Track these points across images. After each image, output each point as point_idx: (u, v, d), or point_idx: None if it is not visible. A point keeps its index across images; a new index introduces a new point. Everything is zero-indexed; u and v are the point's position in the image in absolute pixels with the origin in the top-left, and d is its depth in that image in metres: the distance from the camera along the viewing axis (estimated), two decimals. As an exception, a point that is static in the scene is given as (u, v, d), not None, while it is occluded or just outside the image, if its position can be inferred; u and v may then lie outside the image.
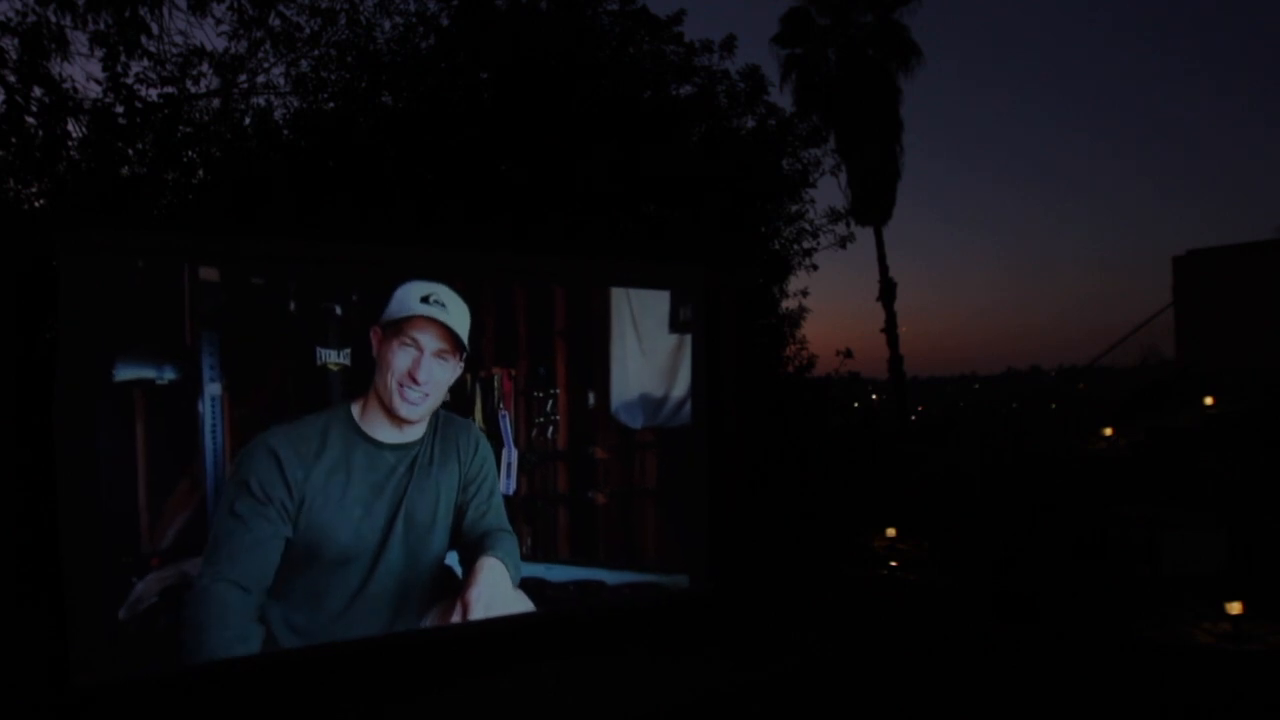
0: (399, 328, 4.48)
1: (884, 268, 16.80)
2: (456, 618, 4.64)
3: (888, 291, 16.70)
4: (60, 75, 5.78)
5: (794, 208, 9.22)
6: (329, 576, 4.40)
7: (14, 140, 5.59)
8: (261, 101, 6.88)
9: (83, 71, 6.09)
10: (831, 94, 16.16)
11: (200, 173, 6.44)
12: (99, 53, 5.84)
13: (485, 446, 4.91)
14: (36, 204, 5.80)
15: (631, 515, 5.51)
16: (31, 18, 5.64)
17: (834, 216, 9.62)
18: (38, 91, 5.69)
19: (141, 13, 5.90)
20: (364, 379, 4.53)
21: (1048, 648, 5.12)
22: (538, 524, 5.20)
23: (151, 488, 4.11)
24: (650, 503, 5.58)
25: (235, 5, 6.36)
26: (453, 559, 4.78)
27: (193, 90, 6.36)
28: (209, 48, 6.34)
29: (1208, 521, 6.62)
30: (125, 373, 4.09)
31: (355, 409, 4.50)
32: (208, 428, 4.24)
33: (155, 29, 6.03)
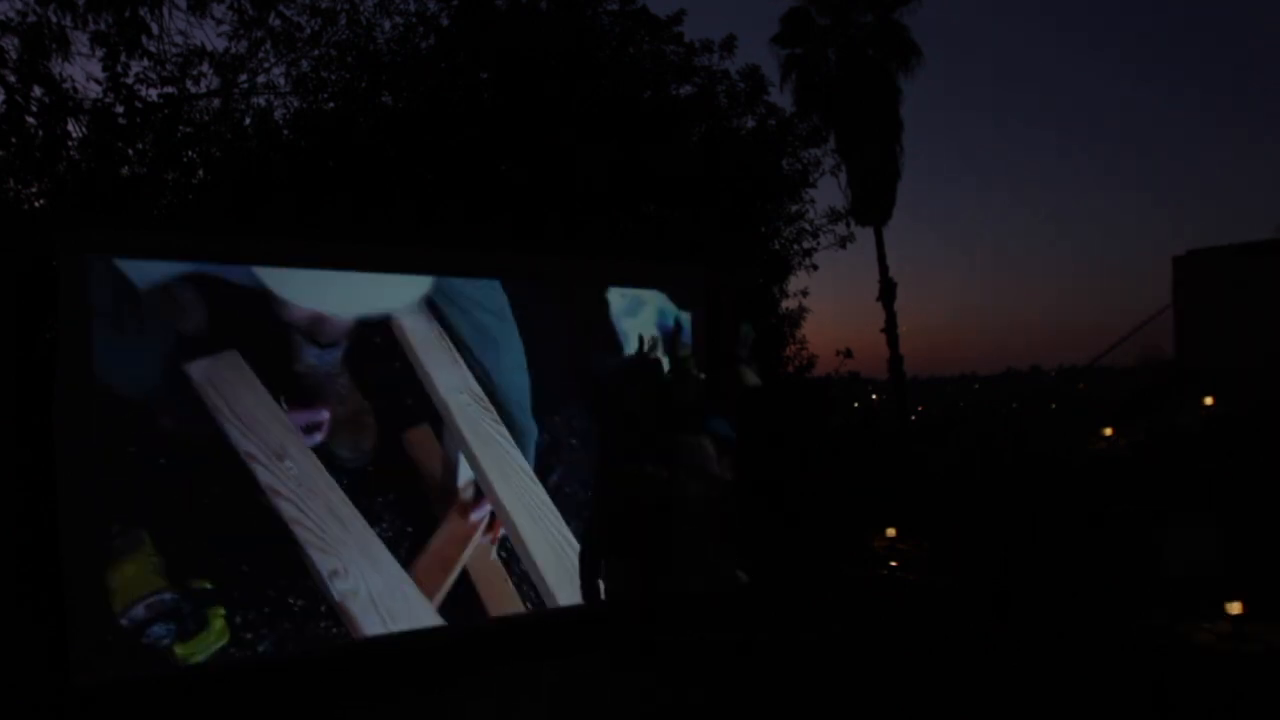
0: None
1: (884, 268, 16.79)
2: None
3: (888, 291, 16.68)
4: (60, 75, 5.78)
5: (794, 208, 9.25)
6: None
7: (14, 140, 5.59)
8: (261, 101, 6.89)
9: (83, 71, 6.10)
10: (831, 94, 16.14)
11: (200, 173, 6.44)
12: (99, 53, 5.85)
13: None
14: (36, 204, 5.80)
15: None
16: (32, 17, 5.64)
17: (834, 216, 9.64)
18: (38, 91, 5.70)
19: (141, 13, 5.90)
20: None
21: (1048, 648, 5.12)
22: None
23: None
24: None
25: (235, 5, 6.36)
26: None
27: (193, 90, 6.36)
28: (209, 48, 6.35)
29: (1207, 521, 6.61)
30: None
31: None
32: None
33: (155, 29, 6.03)
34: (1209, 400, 9.83)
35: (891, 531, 7.53)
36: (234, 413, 4.39)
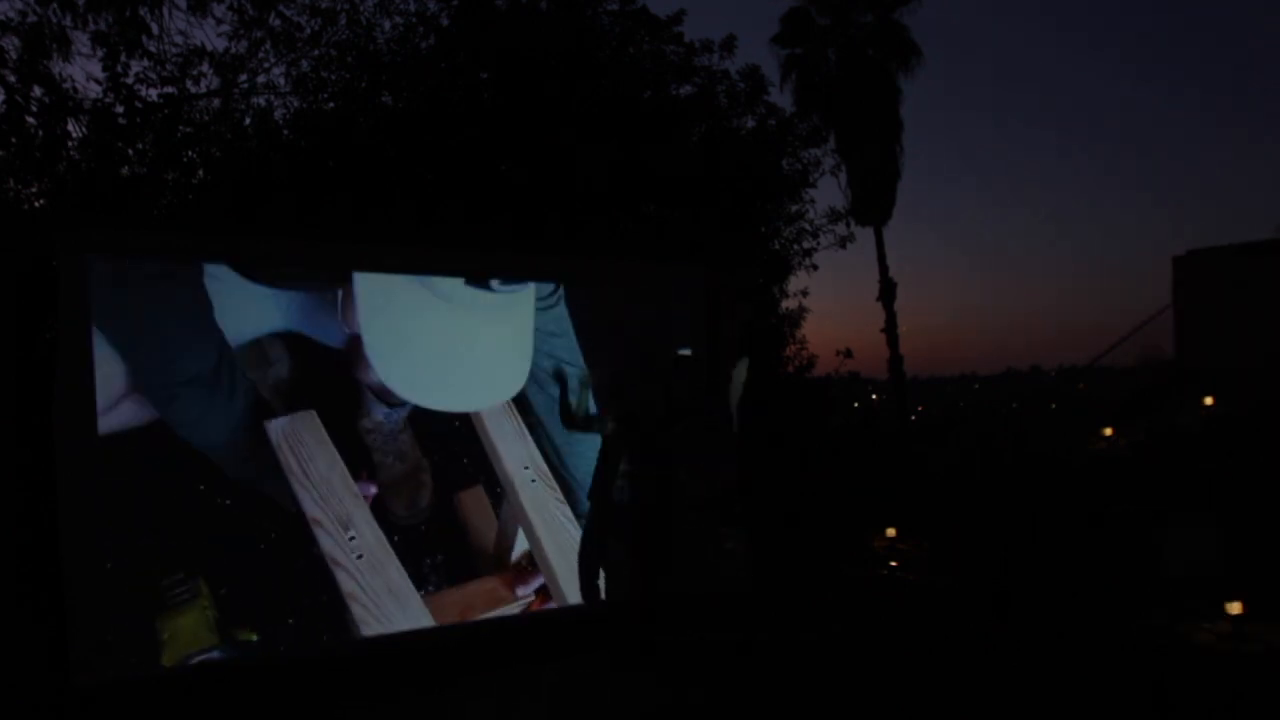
0: None
1: (884, 268, 16.76)
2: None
3: (888, 291, 16.65)
4: (60, 75, 5.78)
5: (794, 208, 9.23)
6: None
7: (14, 140, 5.59)
8: (261, 101, 6.88)
9: (83, 71, 6.10)
10: (831, 94, 16.12)
11: (200, 173, 6.44)
12: (99, 53, 5.84)
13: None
14: (36, 204, 5.79)
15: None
16: (32, 17, 5.64)
17: (834, 216, 9.63)
18: (38, 91, 5.69)
19: (142, 13, 5.90)
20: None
21: (1048, 648, 5.12)
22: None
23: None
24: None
25: (235, 5, 6.35)
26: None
27: (193, 90, 6.36)
28: (209, 48, 6.34)
29: (1207, 521, 6.61)
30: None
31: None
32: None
33: (155, 29, 6.03)
34: (1209, 400, 9.82)
35: (891, 531, 7.52)
36: (306, 474, 4.48)
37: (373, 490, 4.67)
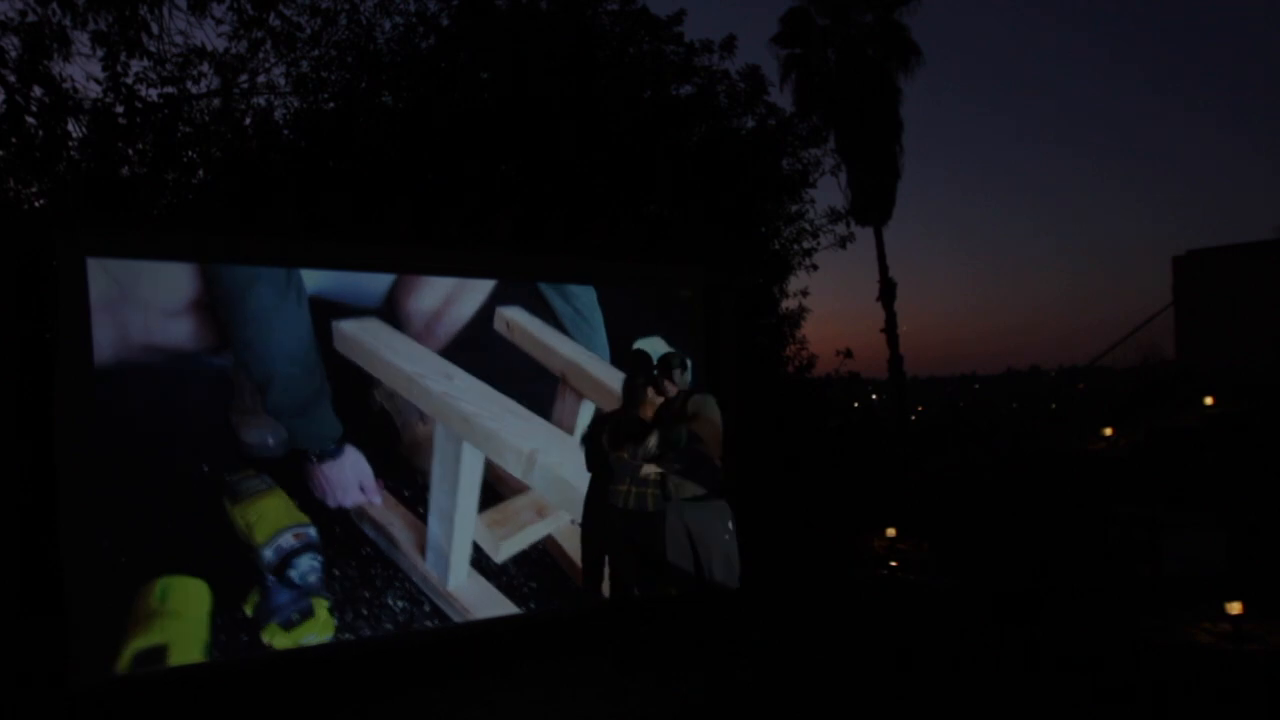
0: None
1: (884, 268, 16.79)
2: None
3: (888, 291, 16.69)
4: (60, 75, 5.79)
5: (794, 208, 9.26)
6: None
7: (14, 140, 5.59)
8: (262, 101, 6.89)
9: (83, 71, 6.14)
10: (831, 94, 16.15)
11: (200, 173, 6.44)
12: (99, 53, 5.85)
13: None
14: (36, 204, 5.80)
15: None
16: (32, 17, 5.64)
17: (834, 216, 9.66)
18: (38, 91, 5.70)
19: (142, 12, 5.91)
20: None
21: (1048, 648, 5.12)
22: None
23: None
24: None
25: (235, 5, 6.36)
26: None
27: (193, 90, 6.36)
28: (209, 48, 6.36)
29: (1208, 521, 6.62)
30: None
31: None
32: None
33: (155, 29, 6.04)
34: (1209, 400, 9.84)
35: (891, 531, 7.53)
36: (393, 349, 4.67)
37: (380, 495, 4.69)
